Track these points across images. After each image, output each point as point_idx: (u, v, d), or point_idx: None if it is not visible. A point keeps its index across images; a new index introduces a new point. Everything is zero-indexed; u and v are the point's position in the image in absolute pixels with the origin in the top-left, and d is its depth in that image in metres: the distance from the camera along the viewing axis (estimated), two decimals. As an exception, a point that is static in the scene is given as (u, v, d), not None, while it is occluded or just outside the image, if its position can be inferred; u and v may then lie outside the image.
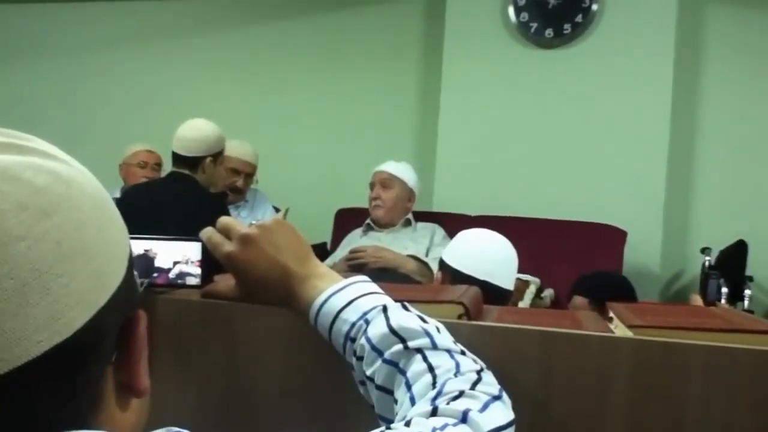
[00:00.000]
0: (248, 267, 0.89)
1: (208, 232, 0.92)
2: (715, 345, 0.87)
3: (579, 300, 2.56)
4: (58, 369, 0.47)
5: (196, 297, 1.00)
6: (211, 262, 0.98)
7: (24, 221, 0.46)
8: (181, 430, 0.51)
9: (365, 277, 0.91)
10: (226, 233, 0.91)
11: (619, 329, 1.01)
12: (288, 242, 0.91)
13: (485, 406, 0.70)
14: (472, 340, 0.88)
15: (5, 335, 0.44)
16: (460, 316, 1.01)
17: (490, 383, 0.75)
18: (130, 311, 0.56)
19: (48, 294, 0.46)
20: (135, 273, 0.58)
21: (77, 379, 0.49)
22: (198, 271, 0.99)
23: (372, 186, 3.34)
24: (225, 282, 0.98)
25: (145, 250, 0.98)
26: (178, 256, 0.99)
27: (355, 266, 2.98)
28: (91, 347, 0.50)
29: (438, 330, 0.81)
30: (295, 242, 0.92)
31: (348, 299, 0.85)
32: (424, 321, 0.81)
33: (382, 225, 3.32)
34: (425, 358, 0.76)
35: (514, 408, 0.75)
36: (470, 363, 0.77)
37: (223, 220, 0.92)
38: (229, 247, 0.89)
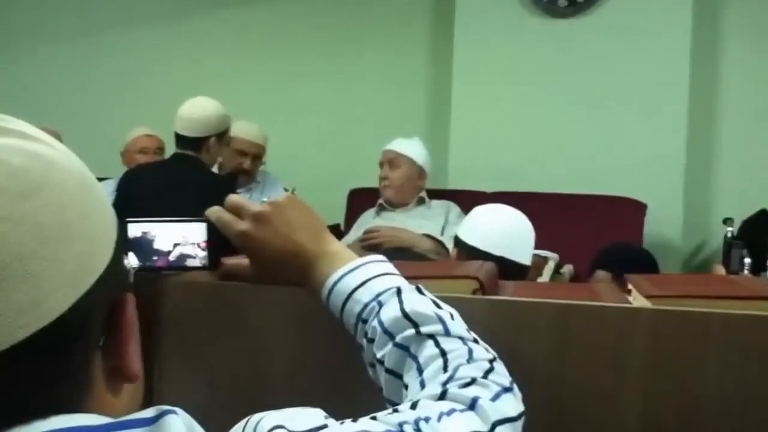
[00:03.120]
0: (263, 246, 0.87)
1: (217, 211, 0.90)
2: (735, 313, 0.85)
3: (601, 274, 2.52)
4: (43, 353, 0.47)
5: (203, 278, 0.99)
6: (218, 243, 0.95)
7: (3, 204, 0.45)
8: (171, 407, 0.50)
9: (381, 257, 0.89)
10: (237, 212, 0.89)
11: (637, 301, 1.00)
12: (301, 219, 0.90)
13: (496, 396, 0.69)
14: (486, 315, 0.89)
15: None
16: (474, 291, 1.00)
17: (502, 374, 0.74)
18: (119, 294, 0.54)
19: (30, 277, 0.45)
20: (126, 255, 0.56)
21: (63, 364, 0.48)
22: (201, 252, 0.96)
23: (381, 165, 3.29)
24: (237, 261, 0.96)
25: (143, 233, 0.94)
26: (178, 237, 0.95)
27: (369, 246, 2.95)
28: (77, 331, 0.49)
29: (452, 317, 0.79)
30: (308, 219, 0.91)
31: (362, 279, 0.84)
32: (439, 306, 0.80)
33: (394, 204, 3.27)
34: (437, 344, 0.76)
35: (530, 382, 0.75)
36: (483, 351, 0.76)
37: (232, 198, 0.90)
38: (242, 225, 0.88)
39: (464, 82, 3.76)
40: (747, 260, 2.60)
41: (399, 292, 0.81)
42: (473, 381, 0.70)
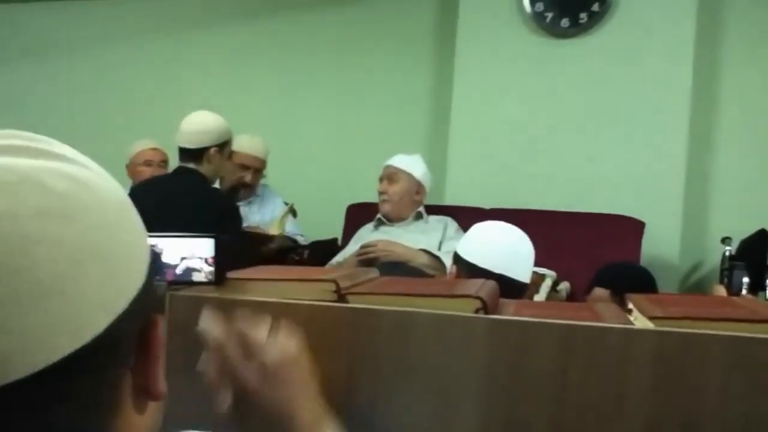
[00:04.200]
0: (263, 402, 0.86)
1: (216, 337, 0.87)
2: (738, 335, 0.86)
3: (600, 291, 2.51)
4: (78, 374, 0.48)
5: (210, 293, 0.99)
6: (225, 259, 0.97)
7: (42, 226, 0.46)
8: None
9: None
10: (243, 342, 0.86)
11: (638, 321, 1.00)
12: (305, 380, 0.88)
13: None
14: (488, 335, 0.89)
15: (25, 340, 0.45)
16: (477, 311, 1.00)
17: None
18: (149, 316, 0.56)
19: (67, 299, 0.46)
20: (159, 276, 0.58)
21: (96, 384, 0.50)
22: (208, 268, 0.97)
23: (381, 180, 3.31)
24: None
25: (151, 247, 0.95)
26: (185, 251, 0.97)
27: (366, 261, 2.94)
28: (110, 352, 0.50)
29: None
30: (309, 380, 0.89)
31: None
32: None
33: (392, 219, 3.27)
34: None
35: (532, 402, 0.76)
36: None
37: (240, 329, 0.87)
38: (250, 379, 0.85)
39: (464, 99, 3.75)
40: (745, 279, 2.59)
41: None
42: None
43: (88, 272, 0.48)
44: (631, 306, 1.10)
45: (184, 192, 2.77)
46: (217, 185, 3.13)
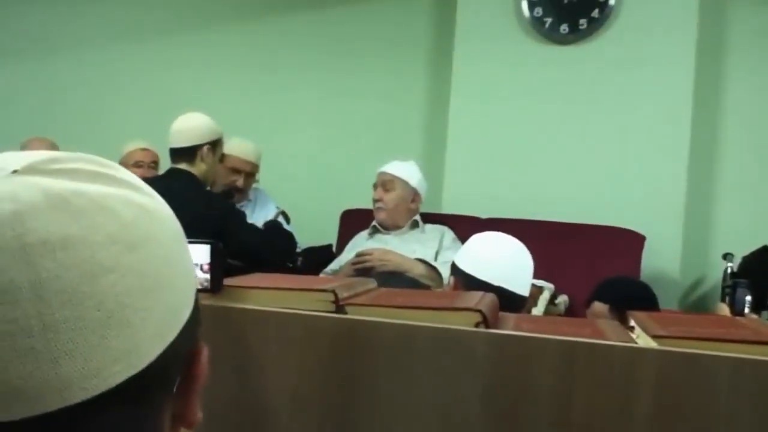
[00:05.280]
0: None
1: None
2: (743, 357, 0.86)
3: (599, 306, 2.47)
4: (128, 400, 0.48)
5: (205, 300, 1.00)
6: (220, 266, 0.98)
7: (113, 254, 0.48)
8: None
9: None
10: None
11: (641, 339, 1.00)
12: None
13: None
14: (489, 350, 0.90)
15: (87, 365, 0.46)
16: (477, 324, 1.00)
17: None
18: (195, 344, 0.57)
19: (129, 327, 0.47)
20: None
21: (143, 411, 0.50)
22: (203, 275, 0.98)
23: (375, 187, 3.26)
24: None
25: None
26: None
27: (361, 270, 2.90)
28: (159, 380, 0.51)
29: None
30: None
31: None
32: None
33: (388, 227, 3.22)
34: None
35: (535, 417, 0.76)
36: None
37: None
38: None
39: (462, 106, 3.71)
40: (748, 298, 2.55)
41: None
42: None
43: (153, 304, 0.49)
44: (633, 323, 1.12)
45: (178, 194, 2.71)
46: (208, 189, 3.07)
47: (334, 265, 3.18)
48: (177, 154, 2.89)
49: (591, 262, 3.14)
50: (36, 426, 0.45)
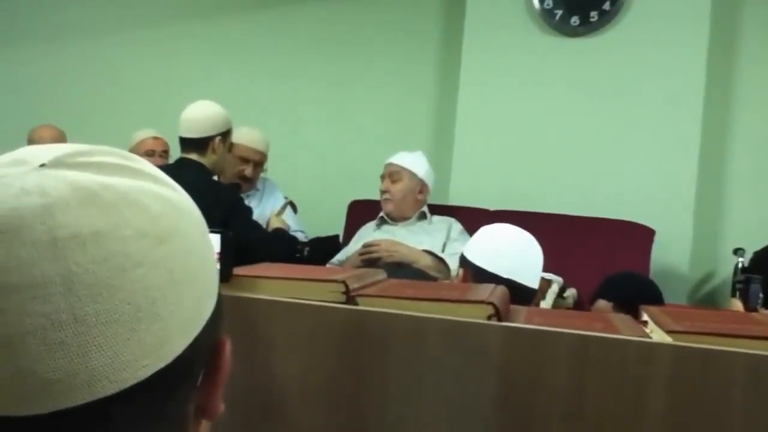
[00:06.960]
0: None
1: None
2: (761, 354, 0.85)
3: (602, 304, 2.45)
4: (156, 393, 0.49)
5: None
6: (231, 255, 0.98)
7: (143, 247, 0.48)
8: None
9: None
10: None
11: (655, 334, 0.99)
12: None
13: None
14: (502, 343, 0.89)
15: (118, 358, 0.46)
16: (489, 317, 0.99)
17: None
18: (218, 337, 0.57)
19: (158, 320, 0.48)
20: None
21: (169, 403, 0.51)
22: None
23: (382, 178, 3.24)
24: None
25: None
26: None
27: (368, 260, 2.88)
28: (185, 373, 0.52)
29: None
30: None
31: None
32: None
33: (395, 218, 3.21)
34: None
35: (548, 412, 0.76)
36: None
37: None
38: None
39: (470, 98, 3.69)
40: (759, 294, 2.53)
41: None
42: None
43: (181, 297, 0.50)
44: (646, 318, 1.11)
45: (188, 185, 2.69)
46: (216, 179, 3.06)
47: (341, 256, 3.17)
48: (188, 144, 2.88)
49: (600, 256, 3.11)
50: (64, 419, 0.45)
